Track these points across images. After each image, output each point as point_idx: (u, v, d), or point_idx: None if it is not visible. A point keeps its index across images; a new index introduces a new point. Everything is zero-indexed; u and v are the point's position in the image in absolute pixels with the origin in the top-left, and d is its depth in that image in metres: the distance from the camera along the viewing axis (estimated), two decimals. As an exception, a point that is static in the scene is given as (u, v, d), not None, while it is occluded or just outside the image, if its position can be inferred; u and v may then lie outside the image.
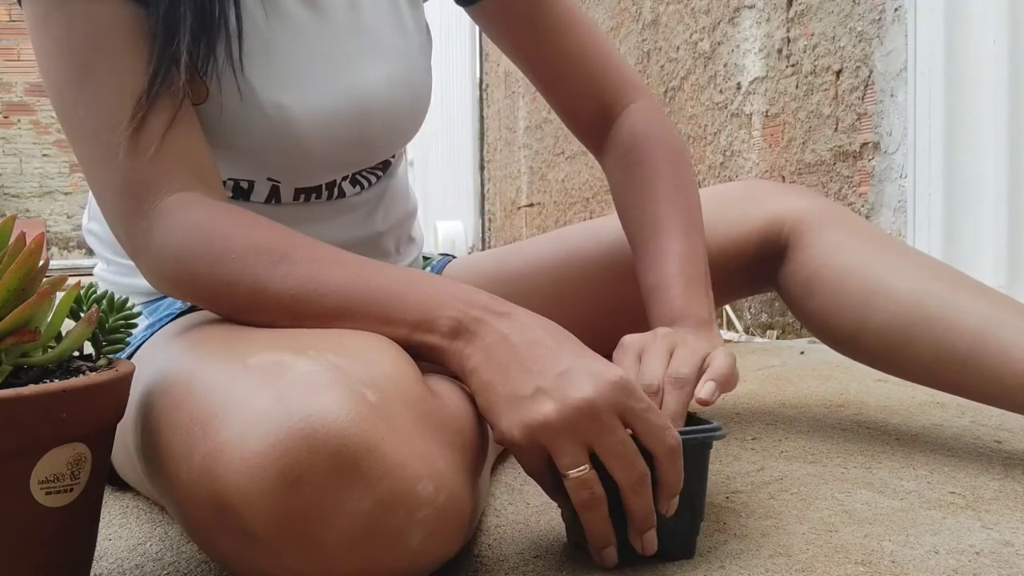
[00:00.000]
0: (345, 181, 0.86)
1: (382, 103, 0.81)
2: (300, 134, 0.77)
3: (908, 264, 0.88)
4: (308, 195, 0.84)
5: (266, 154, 0.78)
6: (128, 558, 0.67)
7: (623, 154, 0.87)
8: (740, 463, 0.87)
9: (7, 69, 7.14)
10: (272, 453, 0.49)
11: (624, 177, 0.87)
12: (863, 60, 1.84)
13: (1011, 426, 0.99)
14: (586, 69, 0.88)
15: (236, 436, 0.50)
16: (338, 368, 0.53)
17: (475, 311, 0.61)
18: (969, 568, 0.60)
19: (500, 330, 0.59)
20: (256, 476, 0.49)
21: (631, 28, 2.90)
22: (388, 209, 0.92)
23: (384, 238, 0.92)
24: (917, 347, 0.84)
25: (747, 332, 2.28)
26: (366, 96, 0.80)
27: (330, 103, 0.78)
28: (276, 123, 0.76)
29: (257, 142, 0.76)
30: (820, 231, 0.92)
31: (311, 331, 0.62)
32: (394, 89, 0.82)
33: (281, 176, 0.81)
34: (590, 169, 3.25)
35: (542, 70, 0.89)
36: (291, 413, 0.49)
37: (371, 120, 0.81)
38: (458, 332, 0.60)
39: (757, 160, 2.24)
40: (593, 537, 0.59)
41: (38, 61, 0.70)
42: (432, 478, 0.52)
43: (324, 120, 0.78)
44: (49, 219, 7.36)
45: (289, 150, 0.78)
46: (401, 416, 0.53)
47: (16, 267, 0.50)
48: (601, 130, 0.90)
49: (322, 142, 0.79)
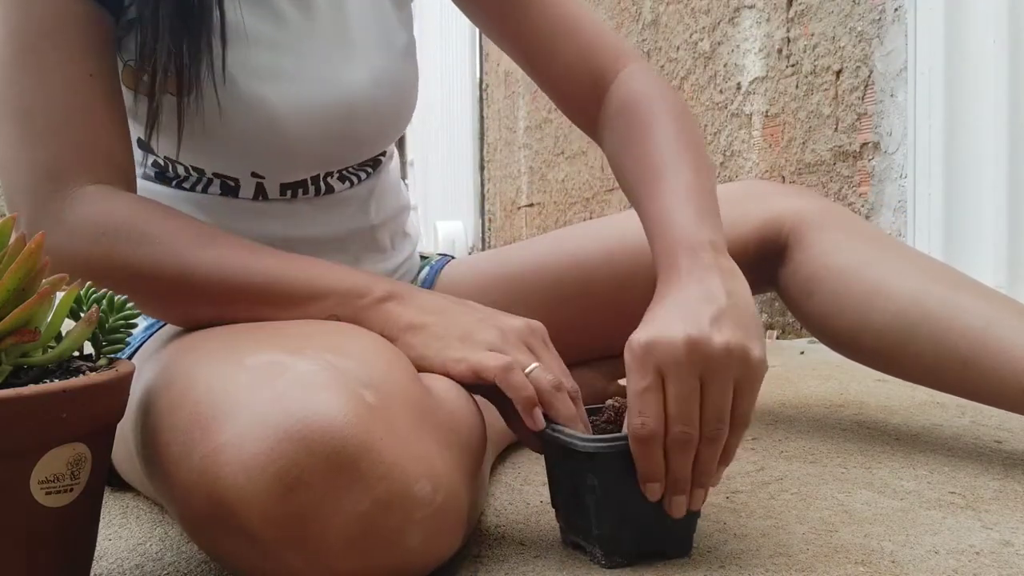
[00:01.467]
0: (332, 177, 0.86)
1: (367, 101, 0.81)
2: (282, 128, 0.77)
3: (908, 264, 0.88)
4: (295, 190, 0.84)
5: (248, 147, 0.78)
6: (128, 558, 0.67)
7: (617, 114, 0.79)
8: (740, 463, 0.87)
9: (7, 69, 7.14)
10: (270, 454, 0.49)
11: (620, 134, 0.78)
12: (863, 60, 1.84)
13: (1011, 426, 0.99)
14: (575, 39, 0.82)
15: (235, 437, 0.50)
16: (336, 368, 0.53)
17: (402, 287, 0.68)
18: (969, 568, 0.60)
19: (427, 295, 0.68)
20: (254, 477, 0.49)
21: (631, 28, 2.90)
22: (380, 202, 0.92)
23: (378, 231, 0.92)
24: (917, 347, 0.84)
25: (747, 332, 2.28)
26: (351, 93, 0.80)
27: (314, 99, 0.78)
28: (258, 116, 0.76)
29: (239, 134, 0.77)
30: (820, 231, 0.91)
31: (308, 330, 0.62)
32: (379, 87, 0.82)
33: (265, 171, 0.81)
34: (590, 169, 3.25)
35: (530, 46, 0.83)
36: (289, 414, 0.49)
37: (356, 117, 0.81)
38: (391, 296, 0.67)
39: (757, 160, 2.24)
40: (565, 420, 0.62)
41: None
42: (430, 478, 0.52)
43: (306, 115, 0.78)
44: (49, 219, 7.35)
45: (271, 143, 0.78)
46: (399, 416, 0.53)
47: (16, 267, 0.50)
48: (595, 102, 0.83)
49: (305, 136, 0.79)
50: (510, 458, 0.91)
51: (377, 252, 0.92)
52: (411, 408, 0.54)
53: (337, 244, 0.87)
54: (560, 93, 0.85)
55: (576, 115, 0.86)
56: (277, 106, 0.77)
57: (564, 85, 0.84)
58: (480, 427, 0.62)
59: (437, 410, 0.57)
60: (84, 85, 0.70)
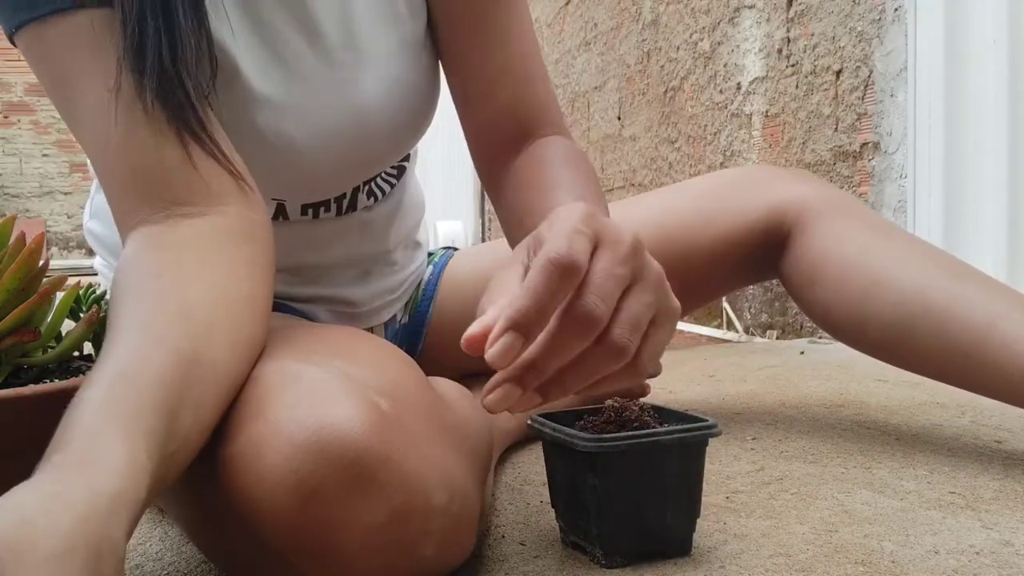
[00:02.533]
0: (359, 193, 0.84)
1: (383, 116, 0.78)
2: (301, 157, 0.75)
3: (912, 254, 0.87)
4: (316, 209, 0.82)
5: (268, 175, 0.74)
6: (128, 558, 0.67)
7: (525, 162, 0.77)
8: (740, 463, 0.87)
9: (7, 69, 7.15)
10: (288, 465, 0.47)
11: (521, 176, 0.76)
12: (863, 60, 1.84)
13: (1011, 426, 0.99)
14: (519, 81, 0.80)
15: (250, 448, 0.49)
16: (347, 375, 0.52)
17: None
18: (969, 568, 0.60)
19: None
20: (270, 488, 0.47)
21: (631, 28, 2.90)
22: (400, 223, 0.90)
23: (393, 253, 0.91)
24: (920, 338, 0.83)
25: (747, 332, 2.28)
26: (366, 111, 0.77)
27: (330, 122, 0.76)
28: (275, 146, 0.74)
29: (258, 165, 0.71)
30: (824, 219, 0.91)
31: (313, 335, 0.60)
32: (394, 99, 0.79)
33: (286, 195, 0.79)
34: (590, 169, 3.25)
35: (480, 78, 0.80)
36: (305, 424, 0.48)
37: (372, 135, 0.78)
38: None
39: (757, 160, 2.24)
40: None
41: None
42: (447, 487, 0.51)
43: (324, 139, 0.75)
44: (49, 219, 7.36)
45: (291, 170, 0.76)
46: (414, 424, 0.51)
47: (16, 267, 0.50)
48: (509, 157, 0.79)
49: (324, 160, 0.76)
50: (510, 458, 0.91)
51: (388, 266, 0.92)
52: (425, 415, 0.53)
53: (351, 263, 0.87)
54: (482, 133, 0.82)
55: (486, 160, 0.82)
56: (296, 137, 0.74)
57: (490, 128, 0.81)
58: (488, 432, 0.62)
59: (449, 416, 0.56)
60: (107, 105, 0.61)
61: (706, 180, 1.01)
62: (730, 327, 2.36)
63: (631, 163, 2.91)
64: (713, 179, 0.99)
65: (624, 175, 2.96)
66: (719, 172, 1.01)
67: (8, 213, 0.61)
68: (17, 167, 7.33)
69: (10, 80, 7.20)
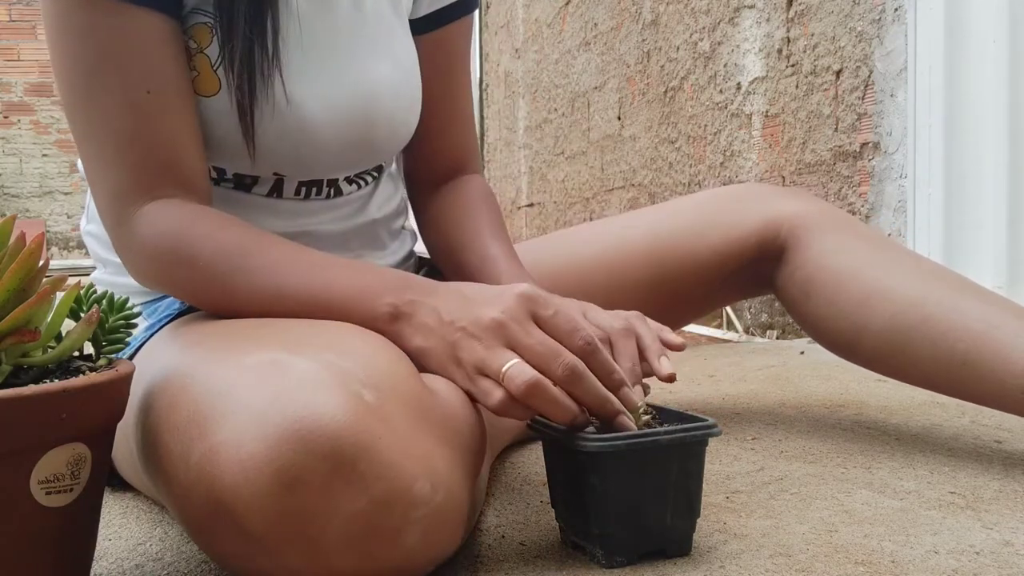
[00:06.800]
0: (344, 181, 0.86)
1: (387, 101, 0.82)
2: (311, 128, 0.78)
3: (906, 266, 0.88)
4: (309, 190, 0.84)
5: (277, 148, 0.78)
6: (128, 558, 0.67)
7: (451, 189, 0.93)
8: (740, 463, 0.87)
9: (7, 69, 7.14)
10: (268, 454, 0.49)
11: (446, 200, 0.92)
12: (863, 60, 1.84)
13: (1011, 426, 0.99)
14: (463, 128, 0.94)
15: (233, 437, 0.50)
16: (335, 367, 0.53)
17: (407, 301, 0.66)
18: (969, 568, 0.60)
19: (431, 305, 0.65)
20: (252, 477, 0.49)
21: (631, 28, 2.89)
22: (380, 201, 0.93)
23: (378, 227, 0.92)
24: (915, 350, 0.84)
25: (747, 332, 2.28)
26: (373, 93, 0.81)
27: (341, 99, 0.79)
28: (288, 117, 0.77)
29: (272, 135, 0.77)
30: (818, 233, 0.92)
31: (311, 328, 0.62)
32: (396, 87, 0.83)
33: (287, 170, 0.81)
34: (590, 169, 3.25)
35: (435, 117, 0.91)
36: (287, 414, 0.50)
37: (376, 117, 0.82)
38: (397, 317, 0.65)
39: (757, 160, 2.24)
40: (557, 415, 0.59)
41: (52, 58, 0.73)
42: (429, 477, 0.52)
43: (334, 113, 0.79)
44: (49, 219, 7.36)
45: (300, 144, 0.78)
46: (398, 415, 0.53)
47: (16, 267, 0.50)
48: (439, 186, 0.94)
49: (332, 136, 0.79)
50: (510, 458, 0.91)
51: (377, 249, 0.93)
52: (411, 407, 0.54)
53: (340, 240, 0.87)
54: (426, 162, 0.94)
55: (421, 184, 0.96)
56: (310, 107, 0.77)
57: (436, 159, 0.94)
58: (480, 427, 0.62)
59: (437, 409, 0.57)
60: (143, 105, 0.71)
61: (701, 195, 1.02)
62: (730, 327, 2.36)
63: (631, 163, 2.91)
64: (707, 195, 1.00)
65: (624, 175, 2.96)
66: (713, 189, 1.03)
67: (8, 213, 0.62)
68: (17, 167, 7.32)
69: (10, 80, 7.19)
